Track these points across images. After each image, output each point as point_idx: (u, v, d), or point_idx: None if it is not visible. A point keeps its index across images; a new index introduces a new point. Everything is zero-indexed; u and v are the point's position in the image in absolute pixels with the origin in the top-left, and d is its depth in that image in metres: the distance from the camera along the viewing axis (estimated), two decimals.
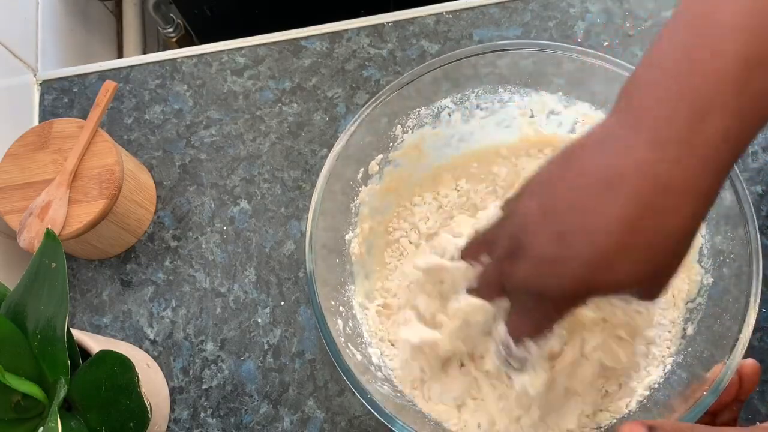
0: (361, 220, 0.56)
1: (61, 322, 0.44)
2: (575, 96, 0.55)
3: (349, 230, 0.55)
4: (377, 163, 0.56)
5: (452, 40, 0.70)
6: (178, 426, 0.60)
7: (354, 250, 0.55)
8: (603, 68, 0.51)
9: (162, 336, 0.63)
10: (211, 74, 0.72)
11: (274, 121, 0.69)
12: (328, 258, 0.52)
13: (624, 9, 0.69)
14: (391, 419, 0.44)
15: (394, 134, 0.56)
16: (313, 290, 0.48)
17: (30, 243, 0.59)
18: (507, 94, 0.56)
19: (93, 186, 0.61)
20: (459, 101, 0.56)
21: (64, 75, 0.74)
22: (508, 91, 0.55)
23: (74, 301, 0.65)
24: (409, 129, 0.56)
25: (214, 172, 0.68)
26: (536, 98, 0.55)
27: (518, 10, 0.70)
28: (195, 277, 0.64)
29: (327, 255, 0.52)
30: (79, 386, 0.46)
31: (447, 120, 0.57)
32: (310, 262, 0.49)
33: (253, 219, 0.66)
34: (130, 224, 0.64)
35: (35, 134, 0.63)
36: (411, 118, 0.56)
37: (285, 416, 0.59)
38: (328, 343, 0.46)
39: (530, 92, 0.55)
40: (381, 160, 0.56)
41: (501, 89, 0.55)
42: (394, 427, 0.44)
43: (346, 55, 0.71)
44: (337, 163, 0.52)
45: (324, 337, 0.46)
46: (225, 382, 0.61)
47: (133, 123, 0.71)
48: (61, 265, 0.44)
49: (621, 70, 0.50)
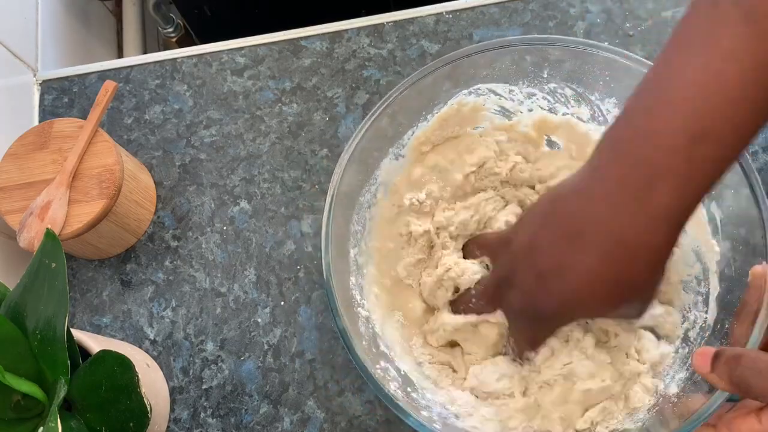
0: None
1: (61, 322, 0.44)
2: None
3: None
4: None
5: (452, 40, 0.70)
6: (178, 426, 0.60)
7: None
8: (625, 65, 0.52)
9: (162, 336, 0.63)
10: (211, 74, 0.72)
11: (274, 121, 0.69)
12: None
13: (624, 9, 0.69)
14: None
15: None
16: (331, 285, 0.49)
17: (30, 243, 0.59)
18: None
19: (93, 186, 0.61)
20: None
21: (64, 75, 0.74)
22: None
23: (74, 301, 0.65)
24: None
25: (214, 172, 0.68)
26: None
27: (518, 10, 0.70)
28: (195, 277, 0.64)
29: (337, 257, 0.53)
30: (79, 386, 0.46)
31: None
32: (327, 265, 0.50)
33: (253, 219, 0.66)
34: (130, 224, 0.64)
35: (35, 134, 0.63)
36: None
37: (285, 416, 0.59)
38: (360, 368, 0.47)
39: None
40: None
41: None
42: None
43: (346, 55, 0.71)
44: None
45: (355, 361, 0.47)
46: (225, 382, 0.61)
47: (133, 123, 0.71)
48: (61, 265, 0.44)
49: (633, 63, 0.51)
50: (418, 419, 0.45)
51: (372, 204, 0.57)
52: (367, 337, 0.51)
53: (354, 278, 0.53)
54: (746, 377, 0.39)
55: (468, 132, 0.58)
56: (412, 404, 0.48)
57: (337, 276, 0.50)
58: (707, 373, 0.41)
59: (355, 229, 0.55)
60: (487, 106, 0.58)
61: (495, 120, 0.58)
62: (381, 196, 0.57)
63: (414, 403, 0.49)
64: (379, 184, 0.57)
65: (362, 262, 0.55)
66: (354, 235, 0.55)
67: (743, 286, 0.46)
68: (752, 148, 0.63)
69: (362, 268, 0.55)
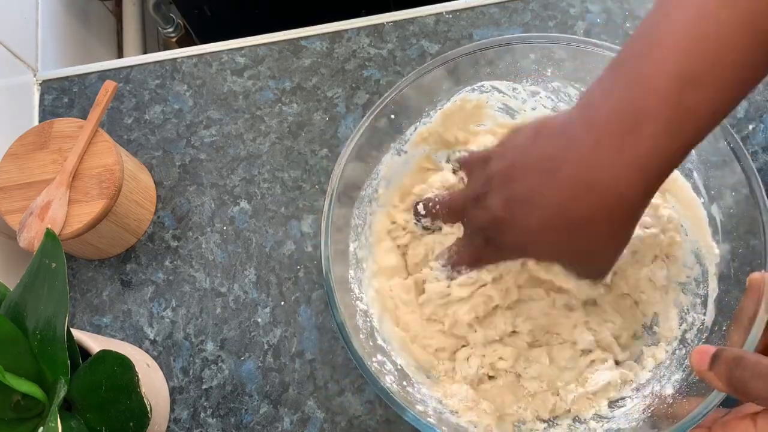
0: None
1: (61, 322, 0.44)
2: None
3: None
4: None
5: (452, 40, 0.70)
6: (178, 426, 0.60)
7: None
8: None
9: (162, 336, 0.63)
10: (211, 74, 0.72)
11: (274, 121, 0.69)
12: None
13: (624, 9, 0.69)
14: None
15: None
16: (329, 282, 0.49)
17: (30, 243, 0.59)
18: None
19: (93, 186, 0.61)
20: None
21: (64, 75, 0.74)
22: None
23: (74, 301, 0.65)
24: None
25: (214, 172, 0.68)
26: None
27: (518, 10, 0.70)
28: (195, 277, 0.64)
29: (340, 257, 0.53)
30: (79, 386, 0.46)
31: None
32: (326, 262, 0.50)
33: (253, 219, 0.66)
34: (130, 224, 0.64)
35: (35, 134, 0.63)
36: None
37: (285, 416, 0.59)
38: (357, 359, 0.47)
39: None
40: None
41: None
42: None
43: (346, 55, 0.71)
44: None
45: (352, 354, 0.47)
46: (225, 382, 0.61)
47: (133, 123, 0.71)
48: (61, 265, 0.44)
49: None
50: (413, 413, 0.45)
51: (373, 198, 0.57)
52: (365, 330, 0.51)
53: (353, 272, 0.54)
54: (745, 379, 0.38)
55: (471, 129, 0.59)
56: (407, 398, 0.48)
57: (336, 269, 0.50)
58: (704, 371, 0.41)
59: (356, 223, 0.55)
60: (491, 104, 0.58)
61: (498, 118, 0.58)
62: (383, 191, 0.57)
63: (409, 397, 0.49)
64: (380, 178, 0.57)
65: (362, 255, 0.55)
66: (354, 229, 0.55)
67: (742, 287, 0.46)
68: (752, 149, 0.63)
69: (362, 262, 0.55)
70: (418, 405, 0.48)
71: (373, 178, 0.56)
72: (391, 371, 0.50)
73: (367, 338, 0.50)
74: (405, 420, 0.45)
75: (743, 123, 0.65)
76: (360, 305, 0.52)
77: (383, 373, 0.48)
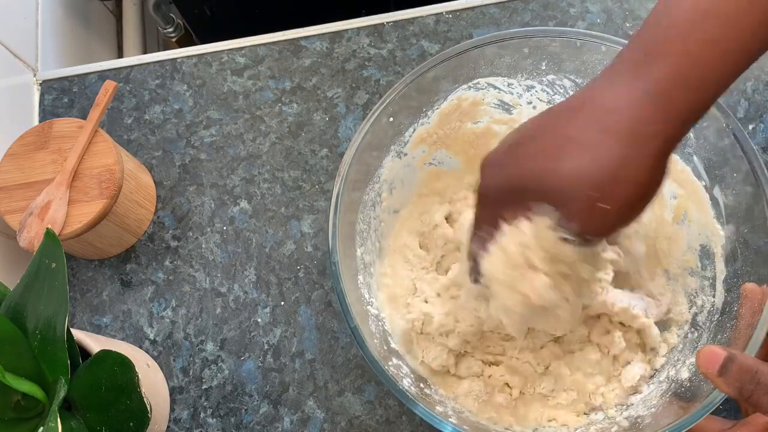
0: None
1: (61, 322, 0.44)
2: None
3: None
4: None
5: (452, 40, 0.70)
6: (178, 426, 0.60)
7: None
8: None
9: (162, 336, 0.63)
10: (211, 74, 0.72)
11: (274, 121, 0.69)
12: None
13: (624, 9, 0.69)
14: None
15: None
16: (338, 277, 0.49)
17: (30, 243, 0.59)
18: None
19: (93, 186, 0.61)
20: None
21: (64, 75, 0.74)
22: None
23: (74, 301, 0.65)
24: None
25: (214, 172, 0.68)
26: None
27: (518, 10, 0.70)
28: (195, 277, 0.64)
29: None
30: (79, 386, 0.46)
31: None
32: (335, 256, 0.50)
33: (253, 219, 0.66)
34: (130, 224, 0.64)
35: (35, 134, 0.63)
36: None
37: (285, 416, 0.59)
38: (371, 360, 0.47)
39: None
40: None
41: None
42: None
43: (346, 55, 0.71)
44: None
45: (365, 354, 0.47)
46: (225, 382, 0.61)
47: (133, 123, 0.71)
48: (61, 265, 0.44)
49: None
50: (433, 414, 0.44)
51: (377, 203, 0.57)
52: (377, 335, 0.51)
53: (362, 276, 0.54)
54: (759, 394, 0.38)
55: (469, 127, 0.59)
56: (426, 400, 0.48)
57: (346, 276, 0.50)
58: (714, 377, 0.39)
59: (361, 228, 0.55)
60: (487, 101, 0.58)
61: (495, 114, 0.58)
62: (386, 195, 0.57)
63: (429, 399, 0.49)
64: (382, 182, 0.57)
65: (369, 260, 0.55)
66: (360, 234, 0.55)
67: (749, 266, 0.46)
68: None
69: (369, 266, 0.55)
70: (438, 406, 0.48)
71: (375, 181, 0.56)
72: (407, 374, 0.50)
73: (381, 343, 0.50)
74: (404, 420, 0.45)
75: (743, 123, 0.65)
76: (371, 310, 0.52)
77: (400, 376, 0.48)
